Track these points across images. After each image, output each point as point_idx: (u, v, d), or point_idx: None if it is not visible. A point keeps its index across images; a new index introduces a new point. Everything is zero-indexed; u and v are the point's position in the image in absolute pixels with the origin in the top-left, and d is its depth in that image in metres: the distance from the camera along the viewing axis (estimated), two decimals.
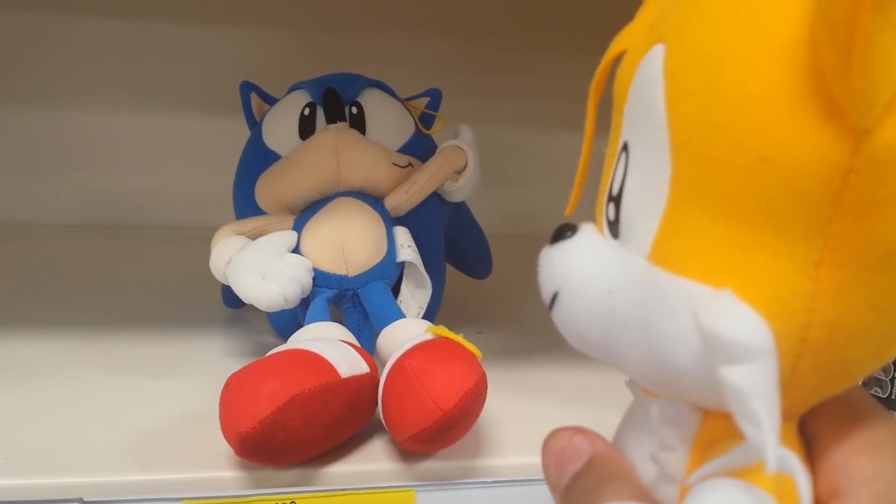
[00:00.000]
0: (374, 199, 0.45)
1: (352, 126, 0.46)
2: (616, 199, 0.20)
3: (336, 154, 0.43)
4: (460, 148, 0.47)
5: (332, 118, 0.45)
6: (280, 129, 0.47)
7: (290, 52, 0.80)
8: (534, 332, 0.54)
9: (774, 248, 0.16)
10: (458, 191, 0.48)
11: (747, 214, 0.17)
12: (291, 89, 0.49)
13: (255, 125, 0.50)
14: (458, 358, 0.33)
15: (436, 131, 0.50)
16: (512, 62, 0.86)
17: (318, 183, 0.44)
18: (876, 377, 0.44)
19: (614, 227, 0.20)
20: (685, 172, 0.18)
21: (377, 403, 0.35)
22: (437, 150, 0.47)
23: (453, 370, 0.32)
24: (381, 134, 0.46)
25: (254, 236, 0.43)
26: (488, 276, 0.57)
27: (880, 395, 0.44)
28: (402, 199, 0.45)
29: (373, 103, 0.47)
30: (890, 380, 0.44)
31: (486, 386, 0.34)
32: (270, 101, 0.51)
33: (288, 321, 0.45)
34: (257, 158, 0.47)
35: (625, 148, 0.20)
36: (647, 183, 0.19)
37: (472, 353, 0.34)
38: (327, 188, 0.44)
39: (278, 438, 0.31)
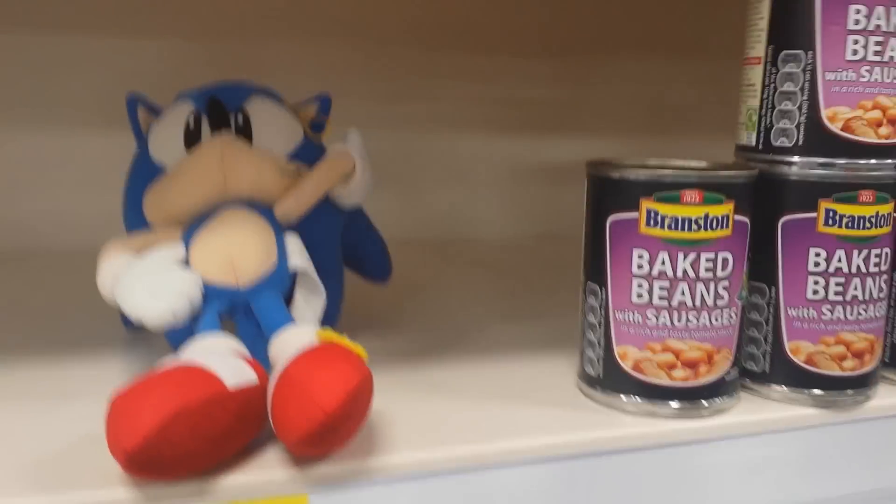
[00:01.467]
0: (263, 208, 0.45)
1: (238, 135, 0.46)
2: None
3: (221, 164, 0.44)
4: (348, 152, 0.47)
5: (216, 128, 0.45)
6: (165, 141, 0.46)
7: (190, 62, 0.79)
8: (435, 332, 0.55)
9: None
10: (350, 195, 0.48)
11: None
12: (177, 100, 0.49)
13: (142, 139, 0.49)
14: (340, 360, 0.34)
15: (325, 137, 0.51)
16: (415, 65, 0.87)
17: (204, 194, 0.44)
18: (749, 352, 0.47)
19: None
20: None
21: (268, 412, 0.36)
22: (324, 156, 0.47)
23: (335, 372, 0.33)
24: (269, 142, 0.46)
25: (142, 252, 0.42)
26: (388, 279, 0.58)
27: (754, 369, 0.46)
28: (292, 206, 0.45)
29: (260, 111, 0.47)
30: (762, 354, 0.46)
31: (372, 385, 0.35)
32: (158, 112, 0.50)
33: (185, 337, 0.45)
34: (144, 172, 0.46)
35: None
36: None
37: (357, 355, 0.35)
38: (214, 199, 0.44)
39: (165, 454, 0.31)
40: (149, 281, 0.39)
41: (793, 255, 0.45)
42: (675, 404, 0.43)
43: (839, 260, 0.44)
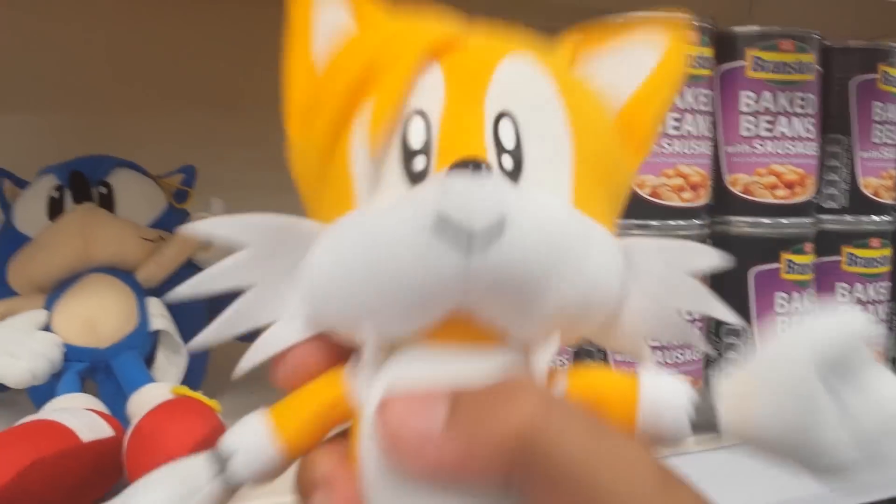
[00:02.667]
0: (125, 274, 0.47)
1: (101, 206, 0.49)
2: (513, 153, 0.22)
3: (82, 232, 0.46)
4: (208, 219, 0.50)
5: (79, 199, 0.48)
6: (30, 212, 0.49)
7: (58, 136, 0.81)
8: None
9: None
10: (211, 259, 0.51)
11: (612, 195, 0.25)
12: (41, 174, 0.51)
13: (8, 210, 0.51)
14: (191, 412, 0.37)
15: (187, 205, 0.54)
16: (279, 136, 0.91)
17: (66, 261, 0.46)
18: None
19: (512, 176, 0.22)
20: (586, 166, 0.23)
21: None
22: (187, 223, 0.50)
23: (184, 424, 0.36)
24: (131, 211, 0.49)
25: (3, 317, 0.44)
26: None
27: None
28: (153, 271, 0.48)
29: (122, 182, 0.50)
30: None
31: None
32: (23, 185, 0.52)
33: (48, 397, 0.47)
34: (8, 242, 0.48)
35: (504, 115, 0.23)
36: (548, 150, 0.23)
37: (209, 407, 0.38)
38: (76, 266, 0.46)
39: None
40: (9, 343, 0.41)
41: None
42: None
43: None
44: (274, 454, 0.22)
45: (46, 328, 0.44)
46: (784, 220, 0.54)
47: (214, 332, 0.23)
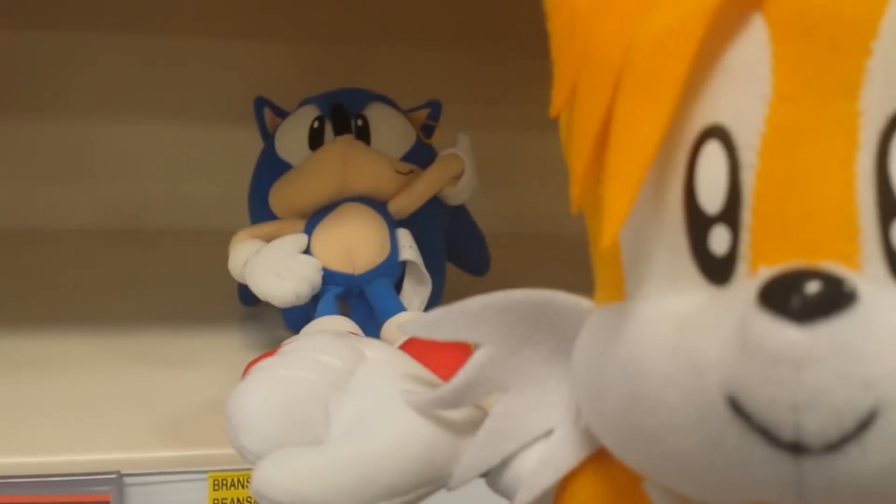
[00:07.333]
0: (378, 204, 0.49)
1: (357, 138, 0.50)
2: None
3: (343, 163, 0.48)
4: (458, 156, 0.51)
5: (339, 130, 0.49)
6: (291, 140, 0.51)
7: (298, 65, 0.84)
8: None
9: None
10: (456, 195, 0.52)
11: None
12: (302, 104, 0.53)
13: (267, 137, 0.54)
14: (452, 346, 0.37)
15: (436, 141, 0.54)
16: (510, 70, 0.90)
17: (327, 190, 0.48)
18: None
19: None
20: None
21: None
22: (437, 158, 0.51)
23: (449, 355, 0.36)
24: (385, 144, 0.51)
25: (268, 239, 0.47)
26: (486, 272, 0.61)
27: None
28: (405, 203, 0.49)
29: (377, 116, 0.51)
30: None
31: None
32: (282, 114, 0.55)
33: (300, 316, 0.49)
34: (270, 168, 0.51)
35: None
36: None
37: (465, 344, 0.39)
38: (335, 194, 0.48)
39: None
40: (276, 264, 0.44)
41: None
42: None
43: None
44: None
45: (306, 251, 0.46)
46: None
47: (476, 465, 0.17)
